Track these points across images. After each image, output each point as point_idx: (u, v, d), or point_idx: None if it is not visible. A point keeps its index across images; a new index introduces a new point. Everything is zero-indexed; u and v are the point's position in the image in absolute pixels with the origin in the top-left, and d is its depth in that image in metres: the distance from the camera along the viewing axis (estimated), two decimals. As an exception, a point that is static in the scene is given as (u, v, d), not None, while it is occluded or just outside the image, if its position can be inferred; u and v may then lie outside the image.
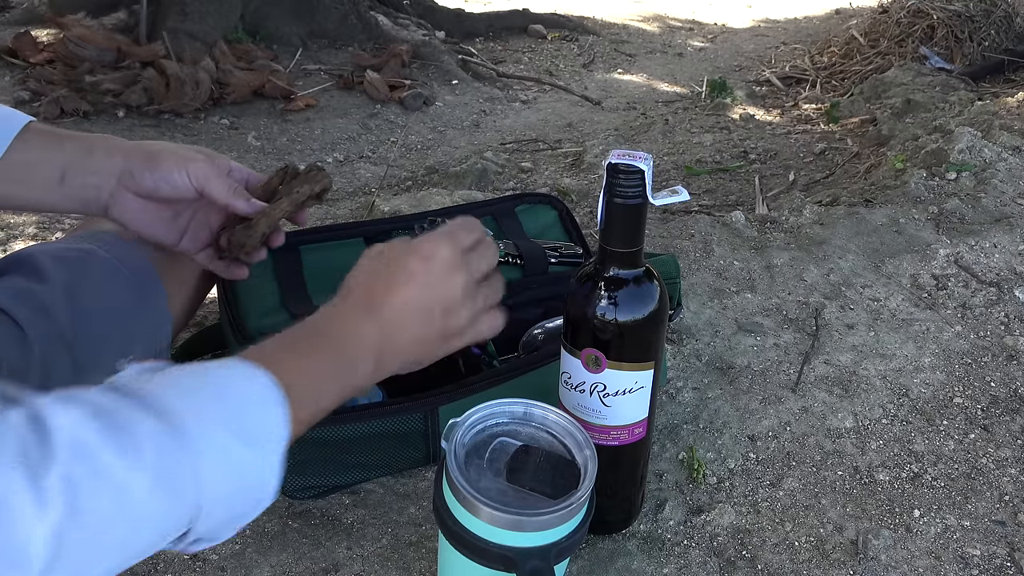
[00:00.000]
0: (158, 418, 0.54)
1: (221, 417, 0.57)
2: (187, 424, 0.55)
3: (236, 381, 0.61)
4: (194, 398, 0.57)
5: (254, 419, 0.60)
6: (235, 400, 0.59)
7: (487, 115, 3.17)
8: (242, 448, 0.58)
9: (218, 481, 0.56)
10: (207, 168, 0.90)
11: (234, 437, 0.57)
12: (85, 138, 0.90)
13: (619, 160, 0.74)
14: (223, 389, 0.60)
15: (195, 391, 0.58)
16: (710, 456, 1.06)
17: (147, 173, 0.88)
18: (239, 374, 0.61)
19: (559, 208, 1.30)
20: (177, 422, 0.54)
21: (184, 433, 0.54)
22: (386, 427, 0.97)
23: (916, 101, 2.63)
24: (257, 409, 0.60)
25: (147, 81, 2.75)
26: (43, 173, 0.87)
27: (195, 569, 0.89)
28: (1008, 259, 1.48)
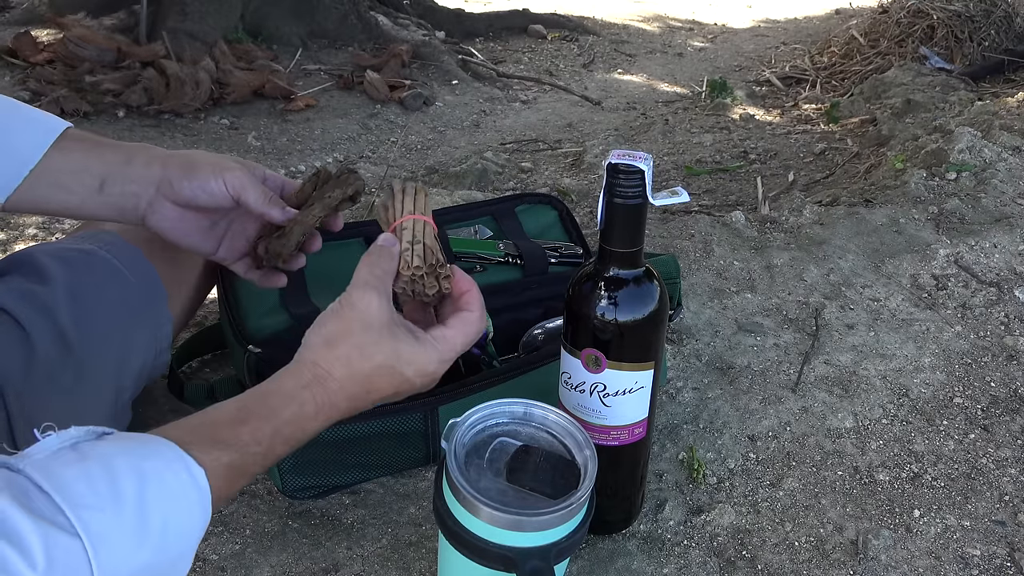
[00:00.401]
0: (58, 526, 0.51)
1: (133, 523, 0.55)
2: (91, 533, 0.52)
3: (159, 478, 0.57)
4: (105, 500, 0.54)
5: (171, 523, 0.57)
6: (153, 502, 0.56)
7: (487, 115, 3.17)
8: (153, 554, 0.56)
9: None
10: (243, 177, 0.91)
11: (146, 544, 0.55)
12: (123, 147, 0.91)
13: (619, 160, 0.74)
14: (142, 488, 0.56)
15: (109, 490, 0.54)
16: (710, 456, 1.06)
17: (185, 182, 0.89)
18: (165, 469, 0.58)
19: (559, 208, 1.30)
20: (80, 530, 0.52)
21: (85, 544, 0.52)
22: (386, 427, 0.97)
23: (916, 101, 2.63)
24: (176, 511, 0.57)
25: (147, 81, 2.75)
26: (82, 181, 0.88)
27: (195, 569, 0.89)
28: (1008, 259, 1.48)
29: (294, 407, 0.67)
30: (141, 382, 0.97)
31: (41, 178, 0.87)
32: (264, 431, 0.65)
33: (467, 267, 1.17)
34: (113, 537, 0.53)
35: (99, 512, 0.53)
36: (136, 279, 0.96)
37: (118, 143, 0.92)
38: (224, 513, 0.95)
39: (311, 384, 0.68)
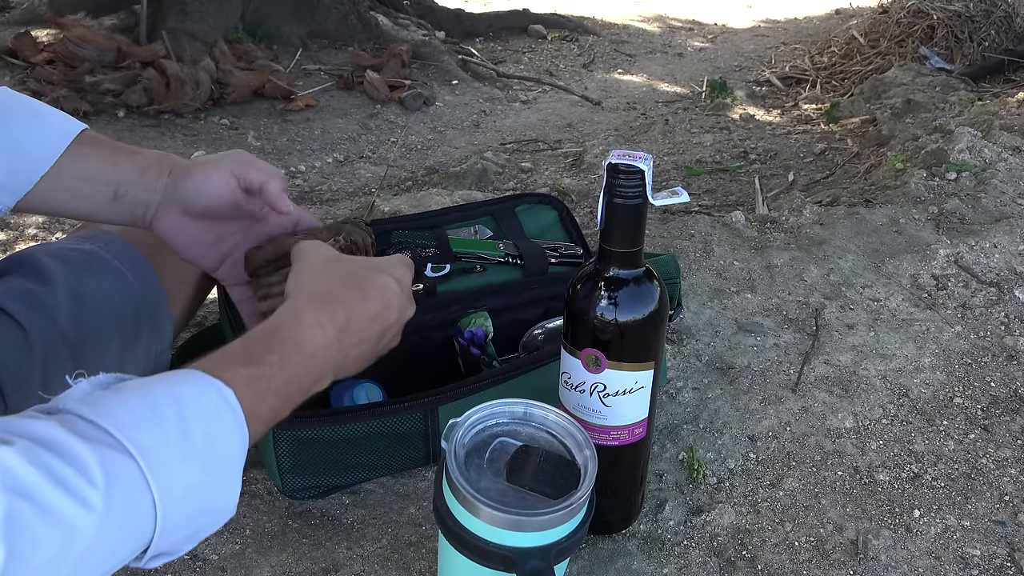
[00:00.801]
0: (109, 446, 0.52)
1: (178, 441, 0.56)
2: (142, 450, 0.53)
3: (194, 399, 0.59)
4: (149, 421, 0.56)
5: (213, 440, 0.58)
6: (192, 421, 0.58)
7: (487, 115, 3.17)
8: (201, 472, 0.57)
9: (176, 505, 0.55)
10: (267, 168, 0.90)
11: (192, 461, 0.56)
12: (140, 155, 0.90)
13: (619, 160, 0.74)
14: (180, 409, 0.57)
15: (150, 413, 0.56)
16: (710, 456, 1.06)
17: (188, 180, 0.88)
18: (197, 391, 0.60)
19: (559, 208, 1.30)
20: (131, 448, 0.53)
21: (138, 460, 0.53)
22: (386, 427, 0.97)
23: (916, 101, 2.63)
24: (215, 429, 0.59)
25: (147, 81, 2.76)
26: (96, 189, 0.87)
27: (195, 569, 0.89)
28: (1008, 259, 1.48)
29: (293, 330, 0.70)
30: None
31: (55, 182, 0.86)
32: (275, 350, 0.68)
33: (467, 267, 1.17)
34: (162, 453, 0.55)
35: (145, 431, 0.55)
36: (136, 279, 0.96)
37: (135, 150, 0.91)
38: (224, 513, 0.95)
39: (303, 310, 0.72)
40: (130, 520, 0.53)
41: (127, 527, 0.53)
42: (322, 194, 2.38)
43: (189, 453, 0.56)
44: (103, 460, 0.52)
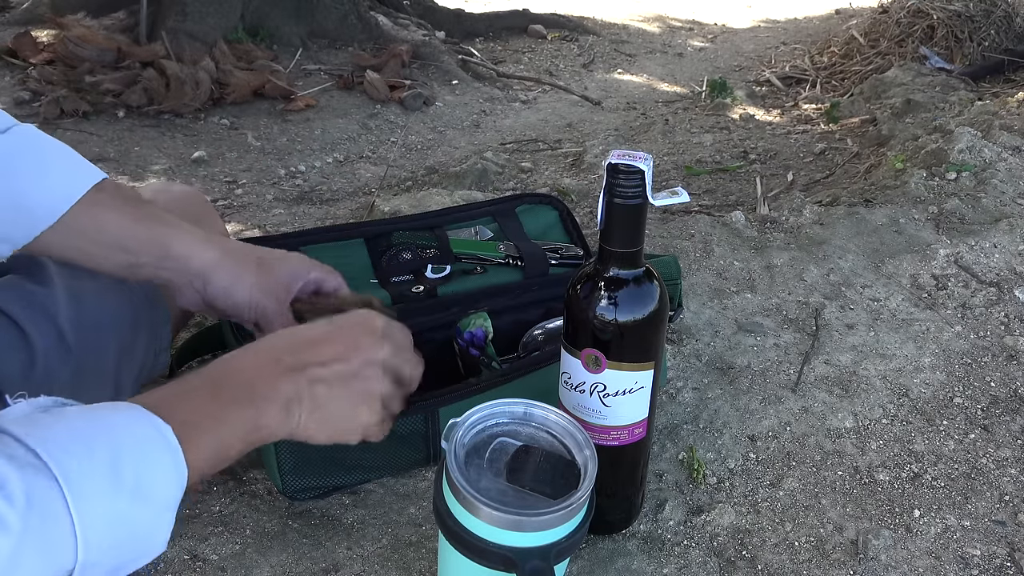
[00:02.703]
0: (35, 468, 0.51)
1: (110, 473, 0.55)
2: (67, 475, 0.52)
3: (129, 429, 0.58)
4: (79, 447, 0.54)
5: (148, 474, 0.57)
6: (128, 456, 0.56)
7: (487, 115, 3.17)
8: (129, 504, 0.55)
9: (98, 535, 0.53)
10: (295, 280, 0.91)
11: (123, 492, 0.55)
12: (164, 228, 0.87)
13: (619, 160, 0.74)
14: (116, 442, 0.56)
15: (82, 439, 0.55)
16: (710, 456, 1.06)
17: (208, 287, 0.88)
18: (133, 422, 0.58)
19: (560, 208, 1.30)
20: (56, 472, 0.52)
21: (62, 485, 0.52)
22: (386, 427, 0.97)
23: (916, 101, 2.63)
24: (153, 464, 0.57)
25: (147, 81, 2.75)
26: (111, 255, 0.87)
27: (195, 569, 0.89)
28: (1008, 259, 1.48)
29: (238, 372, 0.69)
30: (141, 382, 0.97)
31: (63, 238, 0.84)
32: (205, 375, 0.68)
33: (467, 268, 1.17)
34: (88, 481, 0.53)
35: (73, 457, 0.53)
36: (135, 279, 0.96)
37: (159, 215, 0.88)
38: (224, 513, 0.95)
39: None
40: (48, 545, 0.51)
41: (45, 552, 0.51)
42: (322, 194, 2.38)
43: (118, 484, 0.55)
44: (25, 481, 0.50)
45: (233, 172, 2.48)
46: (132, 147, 2.55)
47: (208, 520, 0.94)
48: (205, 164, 2.52)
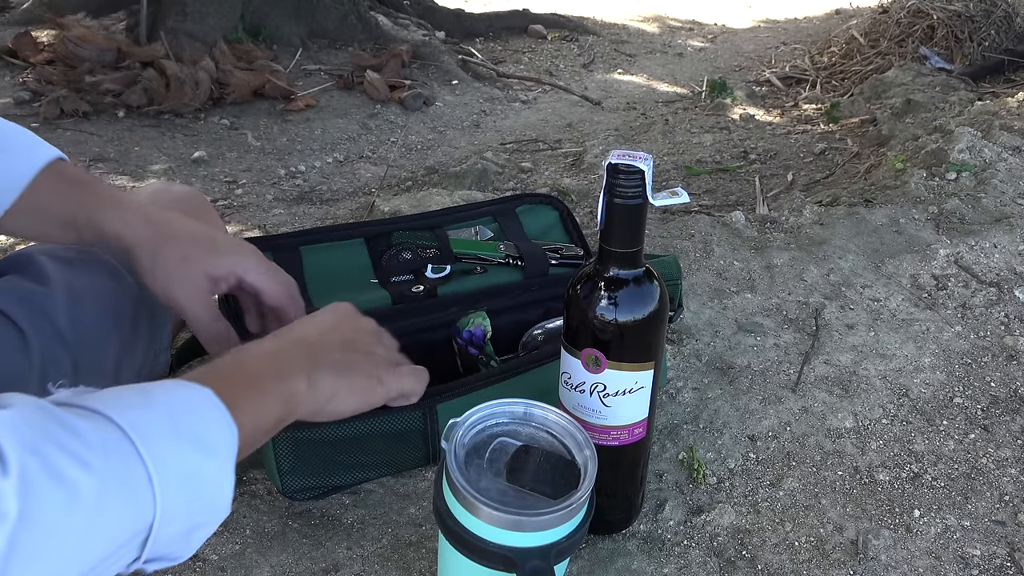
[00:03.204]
0: (106, 423, 0.52)
1: (171, 424, 0.56)
2: (137, 429, 0.53)
3: (180, 393, 0.59)
4: (140, 407, 0.55)
5: (204, 427, 0.58)
6: (182, 410, 0.57)
7: (487, 115, 3.17)
8: (196, 454, 0.56)
9: (174, 487, 0.54)
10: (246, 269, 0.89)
11: (187, 443, 0.56)
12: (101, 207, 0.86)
13: (619, 160, 0.74)
14: (169, 400, 0.58)
15: (139, 402, 0.56)
16: (710, 456, 1.06)
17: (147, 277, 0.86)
18: (181, 387, 0.60)
19: (560, 208, 1.30)
20: (126, 427, 0.52)
21: (134, 438, 0.52)
22: (385, 426, 0.97)
23: (916, 101, 2.63)
24: (206, 418, 0.59)
25: (147, 81, 2.76)
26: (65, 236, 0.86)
27: (195, 569, 0.89)
28: (1008, 259, 1.48)
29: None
30: (141, 382, 0.97)
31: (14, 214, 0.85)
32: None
33: (468, 268, 1.17)
34: (153, 432, 0.54)
35: (134, 410, 0.54)
36: (135, 280, 0.96)
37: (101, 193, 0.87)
38: (224, 513, 0.95)
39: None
40: (128, 489, 0.52)
41: (126, 496, 0.52)
42: (322, 194, 2.38)
43: (179, 435, 0.56)
44: (96, 430, 0.51)
45: (233, 172, 2.48)
46: (132, 147, 2.56)
47: (208, 520, 0.94)
48: (205, 164, 2.52)
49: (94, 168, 2.39)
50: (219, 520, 0.60)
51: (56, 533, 0.48)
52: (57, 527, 0.48)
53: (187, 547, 0.58)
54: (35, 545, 0.46)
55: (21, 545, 0.46)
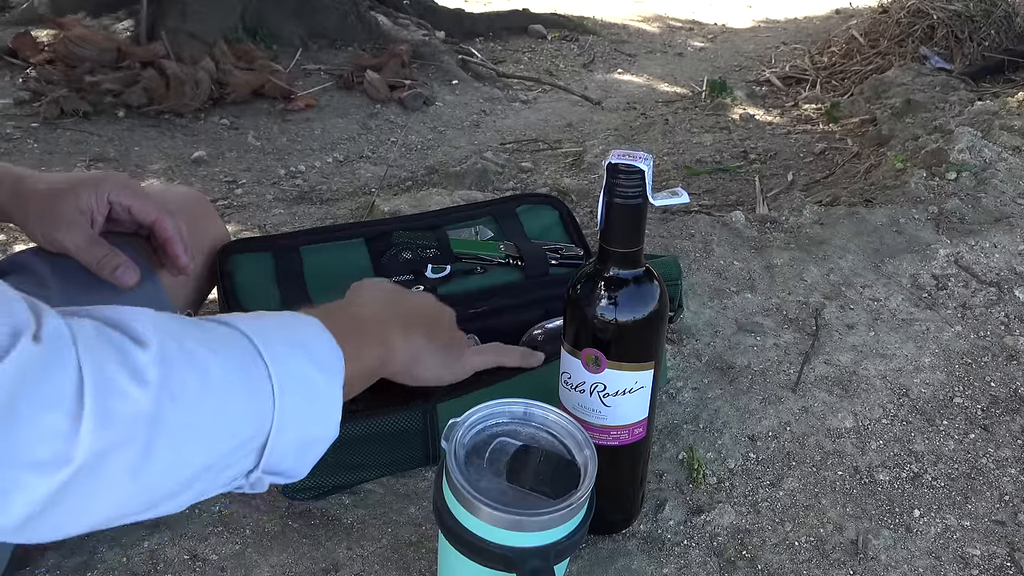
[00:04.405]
0: (230, 328, 0.57)
1: (286, 336, 0.60)
2: (257, 334, 0.57)
3: (290, 317, 0.64)
4: (257, 320, 0.60)
5: (315, 344, 0.62)
6: (296, 330, 0.62)
7: (487, 115, 3.17)
8: (310, 366, 0.60)
9: (290, 389, 0.57)
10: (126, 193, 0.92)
11: (302, 355, 0.60)
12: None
13: (619, 160, 0.74)
14: (282, 319, 0.62)
15: (255, 317, 0.60)
16: (710, 456, 1.06)
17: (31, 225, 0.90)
18: (291, 314, 0.64)
19: (560, 209, 1.30)
20: (248, 332, 0.57)
21: (256, 341, 0.56)
22: (385, 426, 0.97)
23: (916, 101, 2.63)
24: (317, 338, 0.63)
25: (147, 81, 2.76)
26: None
27: (195, 569, 0.89)
28: (1008, 259, 1.48)
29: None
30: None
31: None
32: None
33: (468, 268, 1.17)
34: (269, 334, 0.58)
35: (248, 320, 0.59)
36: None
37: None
38: (224, 513, 0.95)
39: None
40: (251, 383, 0.56)
41: (249, 390, 0.55)
42: (322, 194, 2.38)
43: (294, 346, 0.60)
44: (224, 331, 0.56)
45: (233, 172, 2.49)
46: (132, 147, 2.56)
47: (208, 520, 0.94)
48: (205, 164, 2.52)
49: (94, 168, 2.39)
50: (329, 440, 0.63)
51: (193, 409, 0.52)
52: (193, 404, 0.51)
53: (300, 464, 0.62)
54: (174, 419, 0.50)
55: (164, 416, 0.50)
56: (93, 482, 0.47)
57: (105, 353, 0.48)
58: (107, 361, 0.48)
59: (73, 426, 0.46)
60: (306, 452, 0.61)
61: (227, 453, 0.55)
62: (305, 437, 0.60)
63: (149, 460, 0.49)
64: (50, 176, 0.93)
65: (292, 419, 0.58)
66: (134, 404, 0.48)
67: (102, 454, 0.47)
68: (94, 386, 0.47)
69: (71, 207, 0.89)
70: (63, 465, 0.46)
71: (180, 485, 0.53)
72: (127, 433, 0.48)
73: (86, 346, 0.48)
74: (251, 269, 1.13)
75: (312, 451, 0.62)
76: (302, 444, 0.60)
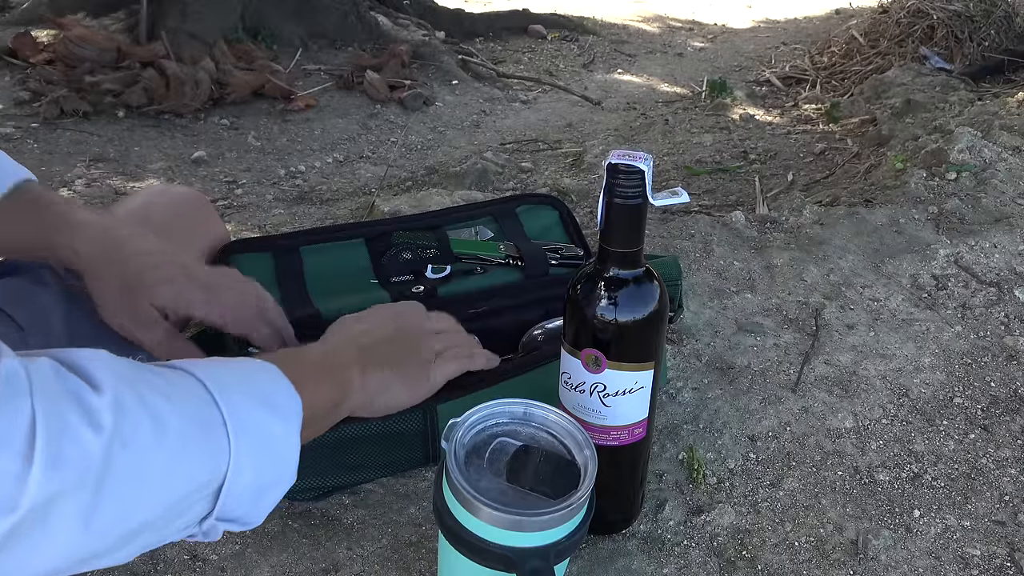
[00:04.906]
0: (186, 375, 0.57)
1: (243, 384, 0.60)
2: (213, 382, 0.57)
3: (249, 364, 0.64)
4: (215, 366, 0.59)
5: (273, 392, 0.62)
6: (253, 375, 0.62)
7: (487, 115, 3.17)
8: (265, 412, 0.60)
9: (246, 437, 0.57)
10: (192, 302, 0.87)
11: (257, 402, 0.59)
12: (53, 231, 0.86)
13: (619, 160, 0.74)
14: (240, 366, 0.62)
15: (214, 363, 0.60)
16: (710, 456, 1.06)
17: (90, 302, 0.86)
18: (250, 361, 0.64)
19: (560, 209, 1.30)
20: (204, 379, 0.57)
21: (211, 388, 0.56)
22: (385, 426, 0.97)
23: (916, 101, 2.63)
24: (274, 385, 0.63)
25: (147, 81, 2.76)
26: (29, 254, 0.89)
27: (195, 569, 0.89)
28: (1008, 259, 1.48)
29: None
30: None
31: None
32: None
33: (468, 269, 1.17)
34: (224, 382, 0.58)
35: (203, 366, 0.59)
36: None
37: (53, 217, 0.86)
38: (224, 513, 0.95)
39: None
40: (207, 432, 0.55)
41: (205, 438, 0.55)
42: (322, 194, 2.38)
43: (251, 395, 0.59)
44: (180, 378, 0.56)
45: (233, 172, 2.49)
46: (132, 147, 2.56)
47: (208, 520, 0.94)
48: (205, 164, 2.52)
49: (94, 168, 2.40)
50: (286, 484, 0.62)
51: (146, 456, 0.51)
52: (146, 451, 0.51)
53: (256, 510, 0.61)
54: (125, 465, 0.50)
55: (115, 462, 0.49)
56: (41, 528, 0.46)
57: (60, 397, 0.48)
58: (62, 405, 0.47)
59: (24, 468, 0.45)
60: (262, 498, 0.60)
61: (179, 500, 0.54)
62: (261, 483, 0.59)
63: (99, 507, 0.48)
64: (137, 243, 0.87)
65: (248, 465, 0.57)
66: (86, 448, 0.47)
67: (52, 498, 0.46)
68: (46, 428, 0.46)
69: (143, 302, 0.85)
70: (10, 511, 0.45)
71: (131, 531, 0.52)
72: (78, 478, 0.47)
73: (41, 389, 0.47)
74: (251, 269, 1.13)
75: (268, 497, 0.61)
76: (258, 490, 0.59)
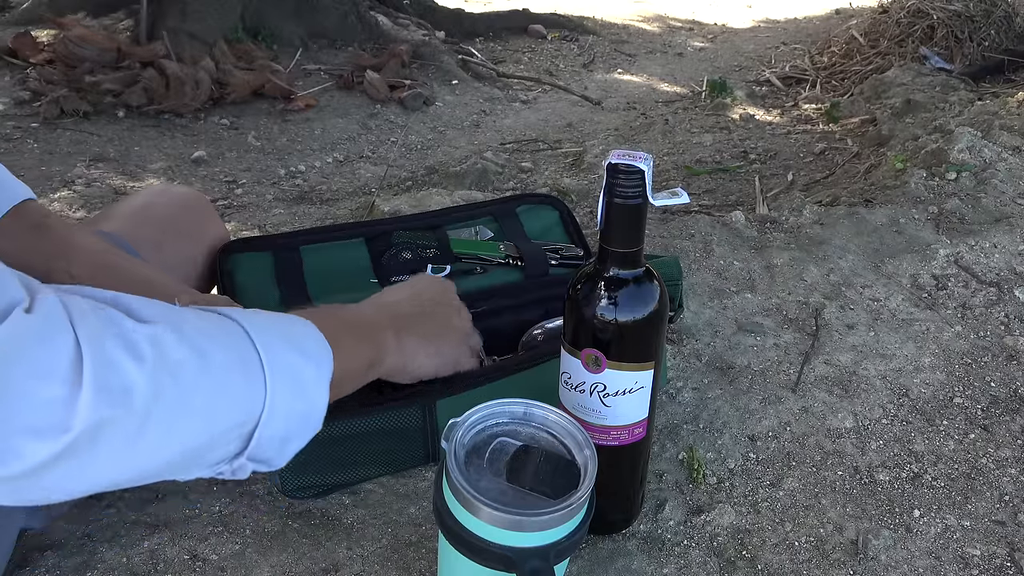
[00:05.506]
0: (226, 319, 0.59)
1: (279, 331, 0.62)
2: (252, 326, 0.59)
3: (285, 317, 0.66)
4: (253, 314, 0.62)
5: (307, 341, 0.64)
6: (289, 324, 0.64)
7: (487, 115, 3.17)
8: (299, 357, 0.62)
9: (280, 379, 0.59)
10: None
11: (292, 347, 0.62)
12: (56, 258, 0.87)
13: (619, 160, 0.74)
14: (277, 316, 0.65)
15: (250, 312, 0.63)
16: (710, 456, 1.06)
17: None
18: (285, 315, 0.67)
19: (560, 209, 1.30)
20: (243, 323, 0.59)
21: (250, 332, 0.58)
22: (384, 423, 0.97)
23: (916, 101, 2.63)
24: (309, 336, 0.65)
25: (147, 81, 2.76)
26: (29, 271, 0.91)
27: (195, 569, 0.89)
28: (1008, 259, 1.48)
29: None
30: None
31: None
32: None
33: (467, 268, 1.17)
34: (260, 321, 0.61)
35: (244, 313, 0.62)
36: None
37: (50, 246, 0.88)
38: (224, 513, 0.95)
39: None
40: (245, 370, 0.58)
41: (243, 376, 0.57)
42: (322, 194, 2.38)
43: (287, 340, 0.62)
44: (221, 320, 0.59)
45: (233, 172, 2.49)
46: (132, 147, 2.56)
47: (208, 520, 0.94)
48: (205, 164, 2.52)
49: (94, 168, 2.40)
50: (312, 431, 0.65)
51: (192, 389, 0.54)
52: (192, 384, 0.54)
53: (282, 453, 0.64)
54: (175, 396, 0.52)
55: (162, 393, 0.52)
56: (90, 450, 0.50)
57: (102, 327, 0.50)
58: (104, 335, 0.50)
59: (71, 395, 0.48)
60: (290, 442, 0.63)
61: (218, 435, 0.57)
62: (291, 427, 0.62)
63: (145, 433, 0.51)
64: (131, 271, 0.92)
65: (281, 408, 0.60)
66: (131, 378, 0.50)
67: (101, 423, 0.49)
68: (92, 358, 0.48)
69: None
70: (62, 431, 0.48)
71: (169, 462, 0.55)
72: (125, 406, 0.50)
73: (82, 320, 0.49)
74: (251, 268, 1.13)
75: (295, 441, 0.64)
76: (287, 434, 0.62)
